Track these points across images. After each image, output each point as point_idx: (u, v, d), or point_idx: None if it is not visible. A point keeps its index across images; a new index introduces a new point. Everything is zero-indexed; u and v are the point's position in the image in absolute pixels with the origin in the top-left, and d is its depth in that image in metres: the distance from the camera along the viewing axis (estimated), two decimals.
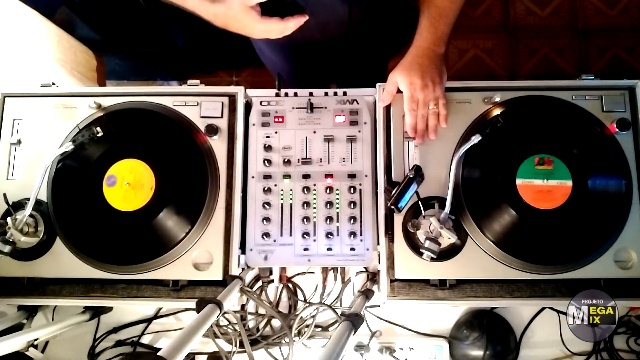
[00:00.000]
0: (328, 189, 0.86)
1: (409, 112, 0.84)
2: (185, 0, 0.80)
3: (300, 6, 0.84)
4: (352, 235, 0.85)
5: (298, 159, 0.88)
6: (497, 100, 0.86)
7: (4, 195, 0.84)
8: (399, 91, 0.86)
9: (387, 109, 0.88)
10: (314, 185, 0.87)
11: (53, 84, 0.93)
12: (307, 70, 1.13)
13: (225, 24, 0.80)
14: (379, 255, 0.83)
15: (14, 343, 0.78)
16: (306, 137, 0.89)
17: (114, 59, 1.95)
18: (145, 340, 0.97)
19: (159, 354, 0.53)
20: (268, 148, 0.88)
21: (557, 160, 0.81)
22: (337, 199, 0.86)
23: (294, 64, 1.12)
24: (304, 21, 0.81)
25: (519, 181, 0.80)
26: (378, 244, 0.84)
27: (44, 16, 1.45)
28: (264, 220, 0.86)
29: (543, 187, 0.80)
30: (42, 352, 0.95)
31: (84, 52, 1.69)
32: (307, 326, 0.92)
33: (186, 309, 0.96)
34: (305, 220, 0.86)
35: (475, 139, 0.79)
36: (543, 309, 0.94)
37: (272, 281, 0.89)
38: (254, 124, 0.90)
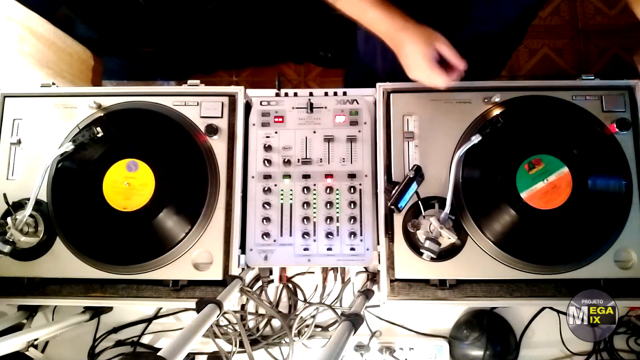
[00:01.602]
0: (328, 189, 0.86)
1: None
2: (374, 24, 0.79)
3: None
4: (352, 235, 0.85)
5: (298, 159, 0.88)
6: (497, 100, 0.86)
7: (4, 195, 0.84)
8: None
9: (387, 109, 0.88)
10: (314, 185, 0.87)
11: (53, 84, 0.93)
12: None
13: (397, 47, 0.78)
14: (379, 255, 0.83)
15: (14, 343, 0.78)
16: (306, 137, 0.89)
17: (113, 59, 1.95)
18: (145, 340, 0.97)
19: (159, 354, 0.53)
20: (268, 148, 0.88)
21: (544, 155, 0.81)
22: (337, 199, 0.86)
23: None
24: (462, 76, 0.79)
25: (524, 194, 0.80)
26: (378, 244, 0.84)
27: (43, 17, 1.45)
28: (264, 220, 0.86)
29: (547, 187, 0.80)
30: (42, 352, 0.95)
31: (81, 52, 1.69)
32: (307, 326, 0.92)
33: (186, 309, 0.96)
34: (305, 220, 0.85)
35: (475, 139, 0.79)
36: (543, 309, 0.94)
37: (272, 281, 0.89)
38: (254, 124, 0.90)
